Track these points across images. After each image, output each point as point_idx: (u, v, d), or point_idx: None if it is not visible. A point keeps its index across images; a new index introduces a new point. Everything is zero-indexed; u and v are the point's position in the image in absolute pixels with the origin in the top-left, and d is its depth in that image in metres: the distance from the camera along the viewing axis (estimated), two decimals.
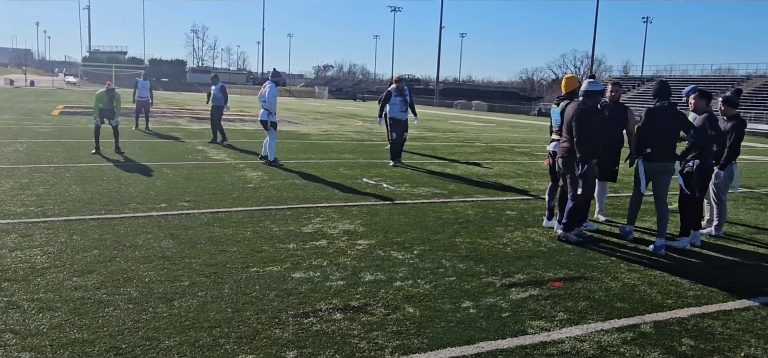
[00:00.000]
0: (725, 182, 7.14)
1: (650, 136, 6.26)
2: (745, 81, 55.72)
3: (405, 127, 12.46)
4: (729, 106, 7.04)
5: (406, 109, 12.44)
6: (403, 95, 12.40)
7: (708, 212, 7.19)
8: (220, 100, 15.49)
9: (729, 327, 4.21)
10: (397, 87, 12.44)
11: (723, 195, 7.17)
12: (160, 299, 4.22)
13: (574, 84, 6.79)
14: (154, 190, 8.24)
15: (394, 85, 12.58)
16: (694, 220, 6.56)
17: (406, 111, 12.47)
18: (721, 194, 7.15)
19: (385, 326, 3.94)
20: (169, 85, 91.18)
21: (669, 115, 6.23)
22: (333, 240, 6.01)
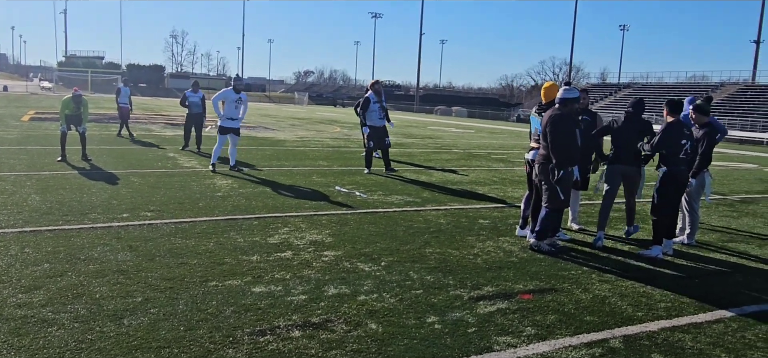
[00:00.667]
0: (697, 191, 7.10)
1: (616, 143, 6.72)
2: (718, 88, 56.64)
3: (384, 133, 12.13)
4: (700, 113, 7.01)
5: (384, 115, 12.10)
6: (381, 100, 12.04)
7: (680, 220, 7.14)
8: (199, 107, 15.10)
9: (699, 341, 4.11)
10: (375, 90, 12.05)
11: (695, 203, 7.13)
12: (109, 316, 4.00)
13: (555, 92, 6.68)
14: (117, 199, 7.97)
15: (370, 90, 12.17)
16: (667, 229, 6.49)
17: (384, 118, 12.13)
18: (693, 202, 7.11)
19: (344, 344, 3.77)
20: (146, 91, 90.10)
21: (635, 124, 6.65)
22: (299, 251, 5.82)
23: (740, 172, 17.07)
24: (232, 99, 11.29)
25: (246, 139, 19.00)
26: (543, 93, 6.80)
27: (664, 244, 6.49)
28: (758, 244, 7.33)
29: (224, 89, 11.61)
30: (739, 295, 5.21)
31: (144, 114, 32.99)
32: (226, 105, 11.27)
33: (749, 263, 6.37)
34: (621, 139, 6.74)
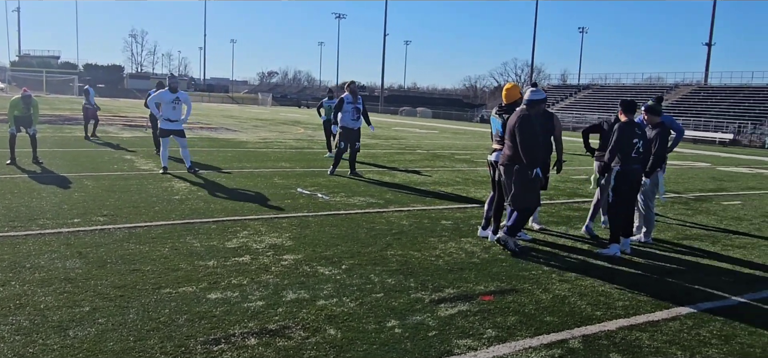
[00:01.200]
0: (651, 189, 7.24)
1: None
2: (673, 89, 58.29)
3: (356, 136, 11.81)
4: (652, 114, 7.14)
5: (358, 117, 11.80)
6: (356, 102, 11.78)
7: (637, 219, 7.25)
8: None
9: (656, 339, 4.15)
10: (350, 90, 11.75)
11: (650, 202, 7.25)
12: (54, 328, 3.81)
13: (516, 94, 6.69)
14: (68, 203, 7.68)
15: (346, 90, 11.82)
16: (624, 227, 6.58)
17: (359, 119, 11.82)
18: (648, 201, 7.23)
19: (302, 351, 3.67)
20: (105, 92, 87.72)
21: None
22: (257, 255, 5.69)
23: (694, 171, 17.53)
24: (168, 100, 10.90)
25: (206, 141, 18.65)
26: (504, 94, 6.80)
27: (622, 242, 6.58)
28: (711, 241, 7.50)
29: (160, 91, 11.26)
30: (694, 292, 5.30)
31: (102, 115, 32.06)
32: (164, 106, 10.89)
33: (703, 261, 6.50)
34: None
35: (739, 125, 44.00)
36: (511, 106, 6.60)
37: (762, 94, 49.77)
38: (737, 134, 42.67)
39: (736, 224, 8.87)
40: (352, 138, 11.76)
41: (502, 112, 6.69)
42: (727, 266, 6.34)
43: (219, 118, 36.29)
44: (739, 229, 8.44)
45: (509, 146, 6.21)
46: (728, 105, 49.55)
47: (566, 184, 12.53)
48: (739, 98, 50.48)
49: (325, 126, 16.18)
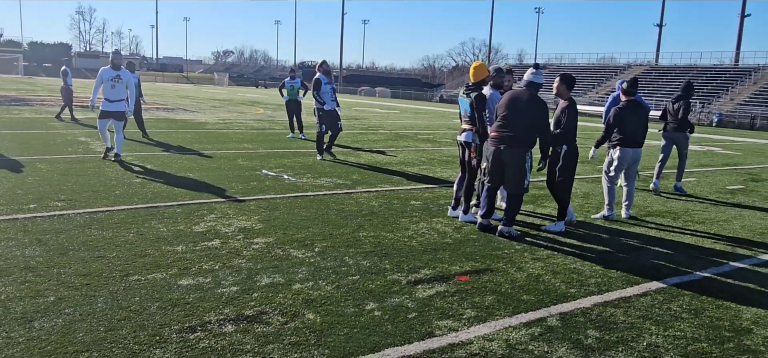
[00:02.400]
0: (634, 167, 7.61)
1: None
2: (625, 69, 59.69)
3: (337, 117, 11.52)
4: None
5: (334, 97, 11.53)
6: (331, 82, 11.50)
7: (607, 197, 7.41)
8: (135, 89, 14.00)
9: (630, 315, 4.23)
10: (324, 71, 11.40)
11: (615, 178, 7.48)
12: (18, 320, 3.62)
13: (484, 73, 6.67)
14: (22, 188, 7.33)
15: (319, 71, 11.44)
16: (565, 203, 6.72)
17: (335, 99, 11.55)
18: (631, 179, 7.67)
19: (281, 336, 3.59)
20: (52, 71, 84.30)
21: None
22: (227, 240, 5.55)
23: (649, 149, 18.01)
24: (107, 77, 9.84)
25: (164, 122, 18.13)
26: (472, 72, 6.77)
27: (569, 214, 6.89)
28: (672, 217, 7.72)
29: (102, 68, 10.10)
30: (661, 268, 5.43)
31: (51, 96, 30.87)
32: (104, 85, 9.84)
33: (667, 236, 6.67)
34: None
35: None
36: (479, 85, 6.59)
37: (709, 73, 51.52)
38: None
39: (694, 200, 9.14)
40: (332, 118, 11.43)
41: (469, 91, 6.65)
42: (690, 240, 6.52)
43: (174, 98, 35.37)
44: (697, 205, 8.71)
45: (514, 127, 6.03)
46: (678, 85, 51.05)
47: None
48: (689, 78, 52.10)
49: (288, 106, 15.91)
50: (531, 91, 6.18)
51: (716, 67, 53.56)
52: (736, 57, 54.51)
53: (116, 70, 9.90)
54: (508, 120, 6.10)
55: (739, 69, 51.02)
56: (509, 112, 6.10)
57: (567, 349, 3.63)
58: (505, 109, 6.14)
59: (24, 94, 30.45)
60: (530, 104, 6.09)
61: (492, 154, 6.18)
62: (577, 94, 54.41)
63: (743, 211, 8.42)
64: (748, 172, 13.39)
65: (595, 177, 11.05)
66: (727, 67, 52.62)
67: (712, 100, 45.69)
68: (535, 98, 6.15)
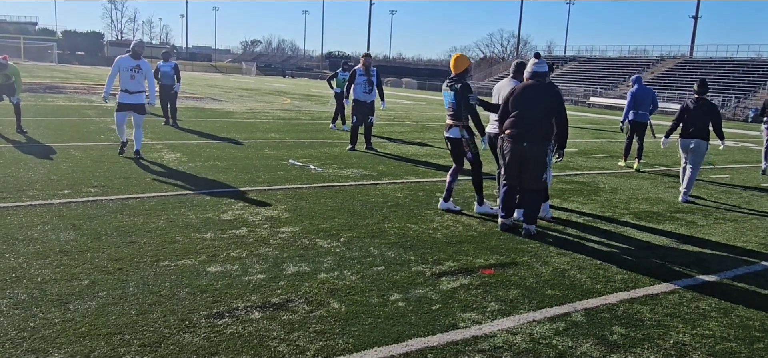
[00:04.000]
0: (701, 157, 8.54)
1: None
2: (658, 62, 58.52)
3: (370, 109, 11.61)
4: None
5: (371, 89, 11.56)
6: (369, 75, 11.55)
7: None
8: (172, 78, 14.21)
9: (657, 313, 4.19)
10: (363, 63, 11.55)
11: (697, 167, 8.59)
12: (53, 301, 3.74)
13: (465, 63, 6.55)
14: (57, 174, 7.53)
15: (360, 63, 11.66)
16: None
17: (372, 92, 11.59)
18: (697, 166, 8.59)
19: (307, 324, 3.64)
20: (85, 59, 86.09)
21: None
22: (254, 228, 5.63)
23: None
24: (127, 67, 9.10)
25: (193, 111, 18.39)
26: (453, 64, 6.55)
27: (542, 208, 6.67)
28: (703, 214, 7.58)
29: (119, 57, 9.35)
30: (690, 265, 5.35)
31: (83, 84, 31.53)
32: (121, 75, 9.13)
33: (697, 234, 6.56)
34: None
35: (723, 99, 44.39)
36: (461, 77, 6.52)
37: (746, 67, 50.18)
38: (722, 108, 43.07)
39: (726, 197, 8.96)
40: (364, 111, 11.58)
41: (452, 83, 6.57)
42: (720, 239, 6.41)
43: (203, 87, 35.82)
44: (729, 202, 8.53)
45: (532, 121, 5.87)
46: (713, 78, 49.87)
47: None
48: (724, 72, 50.85)
49: (337, 98, 15.94)
50: (539, 81, 5.98)
51: (753, 60, 52.13)
52: None
53: (136, 59, 9.21)
54: (523, 115, 5.89)
55: None
56: (523, 106, 5.90)
57: (591, 344, 3.62)
58: (518, 104, 5.93)
59: (58, 82, 31.16)
60: (543, 94, 5.93)
61: (510, 151, 5.94)
62: (607, 87, 53.59)
63: None
64: None
65: (625, 172, 10.90)
66: (765, 61, 51.19)
67: (749, 94, 44.52)
68: (546, 88, 5.98)
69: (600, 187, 9.12)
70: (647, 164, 12.20)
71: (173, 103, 14.21)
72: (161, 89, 14.20)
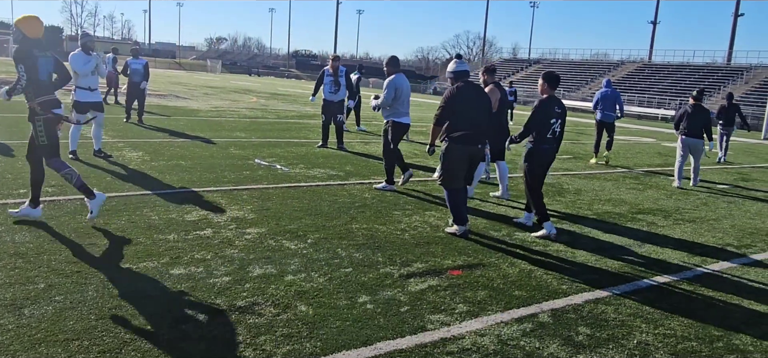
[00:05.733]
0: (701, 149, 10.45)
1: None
2: (618, 66, 59.88)
3: (337, 109, 11.61)
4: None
5: (337, 89, 11.52)
6: (337, 75, 11.53)
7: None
8: (141, 76, 13.81)
9: (621, 313, 4.25)
10: (331, 66, 11.59)
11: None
12: (7, 307, 3.59)
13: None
14: (12, 173, 7.26)
15: (328, 65, 11.71)
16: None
17: (338, 92, 11.55)
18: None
19: (274, 328, 3.58)
20: None
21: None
22: (219, 229, 5.52)
23: (641, 146, 18.12)
24: (84, 62, 8.50)
25: (157, 108, 17.99)
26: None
27: (525, 216, 6.65)
28: (663, 215, 7.76)
29: (73, 53, 8.66)
30: (651, 265, 5.46)
31: None
32: (81, 76, 8.51)
33: (658, 233, 6.71)
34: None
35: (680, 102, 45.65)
36: None
37: (702, 71, 51.74)
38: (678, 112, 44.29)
39: (684, 198, 9.20)
40: (331, 110, 11.67)
41: None
42: (680, 238, 6.56)
43: (167, 84, 35.12)
44: (687, 203, 8.76)
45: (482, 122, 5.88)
46: (671, 82, 51.31)
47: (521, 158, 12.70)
48: (681, 75, 52.31)
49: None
50: (469, 81, 5.96)
51: (709, 65, 53.83)
52: (729, 56, 54.76)
53: (88, 54, 8.57)
54: (475, 117, 5.81)
55: (732, 68, 51.29)
56: (474, 109, 5.82)
57: (558, 345, 3.65)
58: (468, 105, 5.81)
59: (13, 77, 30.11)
60: (481, 94, 6.01)
61: (464, 153, 5.80)
62: (570, 90, 54.58)
63: (733, 210, 8.48)
64: (738, 171, 13.48)
65: (589, 174, 11.09)
66: (719, 66, 52.91)
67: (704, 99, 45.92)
68: (479, 87, 6.12)
69: (564, 188, 9.26)
70: (611, 166, 12.44)
71: (142, 101, 13.87)
72: (130, 86, 13.79)
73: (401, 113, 7.90)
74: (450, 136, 5.80)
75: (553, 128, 6.18)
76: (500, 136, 7.45)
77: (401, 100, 7.81)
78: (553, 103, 6.19)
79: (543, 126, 6.15)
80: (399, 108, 7.85)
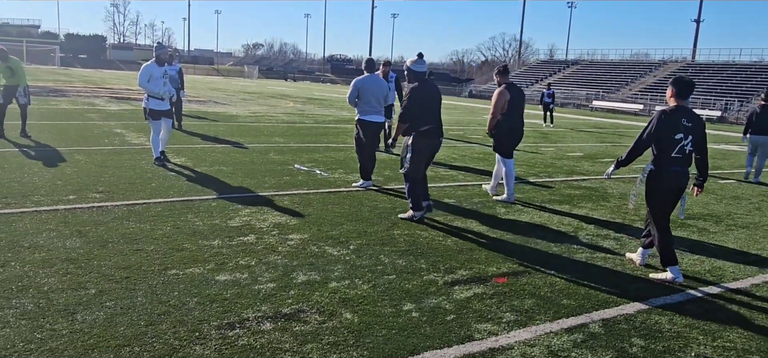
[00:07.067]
0: None
1: None
2: (660, 66, 58.42)
3: (386, 113, 11.35)
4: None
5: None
6: (387, 81, 11.41)
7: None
8: (177, 82, 14.09)
9: (675, 323, 4.10)
10: (382, 71, 11.39)
11: None
12: (61, 312, 3.67)
13: None
14: (62, 179, 7.46)
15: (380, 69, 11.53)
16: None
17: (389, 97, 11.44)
18: None
19: (320, 336, 3.56)
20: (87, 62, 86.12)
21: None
22: (262, 235, 5.55)
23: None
24: (157, 75, 8.90)
25: (196, 114, 18.31)
26: None
27: (641, 254, 5.46)
28: (715, 221, 7.49)
29: (145, 64, 9.00)
30: (705, 274, 5.26)
31: (86, 87, 31.48)
32: (154, 83, 8.90)
33: (710, 241, 6.47)
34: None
35: (725, 103, 44.28)
36: None
37: (748, 71, 50.06)
38: (724, 112, 42.95)
39: (735, 203, 8.87)
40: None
41: None
42: (734, 246, 6.32)
43: (206, 90, 35.76)
44: (739, 208, 8.44)
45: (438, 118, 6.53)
46: (715, 82, 49.79)
47: (563, 161, 12.49)
48: (726, 75, 50.73)
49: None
50: (428, 80, 6.52)
51: (756, 64, 52.02)
52: None
53: (162, 65, 8.98)
54: (433, 113, 6.44)
55: None
56: (433, 106, 6.45)
57: (612, 356, 3.53)
58: (429, 103, 6.41)
59: (61, 85, 31.13)
60: (438, 93, 6.63)
61: (427, 146, 6.43)
62: (610, 91, 53.49)
63: None
64: None
65: (633, 177, 10.82)
66: (766, 65, 51.07)
67: (752, 98, 44.38)
68: (435, 85, 6.67)
69: (609, 192, 9.03)
70: None
71: (179, 107, 14.16)
72: None
73: (367, 112, 8.17)
74: (417, 131, 6.35)
75: (682, 145, 4.97)
76: (514, 136, 7.77)
77: (366, 99, 8.07)
78: (681, 114, 4.99)
79: (666, 143, 4.98)
80: (365, 107, 8.12)
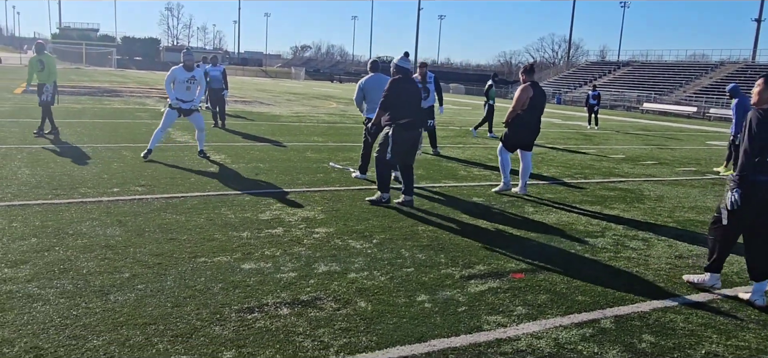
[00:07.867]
0: None
1: None
2: (718, 67, 56.38)
3: (427, 115, 11.44)
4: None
5: (426, 96, 11.41)
6: (425, 82, 11.53)
7: None
8: (220, 82, 14.71)
9: (691, 322, 4.08)
10: (420, 72, 11.59)
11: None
12: (96, 292, 3.95)
13: None
14: (108, 173, 7.89)
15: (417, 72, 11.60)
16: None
17: (427, 99, 11.43)
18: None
19: (333, 322, 3.73)
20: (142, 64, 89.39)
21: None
22: (290, 228, 5.77)
23: None
24: (182, 79, 9.21)
25: (240, 114, 18.85)
26: None
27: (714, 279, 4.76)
28: None
29: (173, 67, 9.41)
30: (731, 275, 5.18)
31: (139, 88, 32.74)
32: (176, 86, 9.25)
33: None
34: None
35: None
36: None
37: None
38: None
39: None
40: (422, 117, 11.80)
41: None
42: None
43: (253, 91, 36.64)
44: None
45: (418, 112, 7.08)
46: None
47: (602, 163, 12.33)
48: None
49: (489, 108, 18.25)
50: (409, 77, 7.03)
51: None
52: None
53: (189, 71, 9.30)
54: (416, 106, 6.97)
55: None
56: (413, 100, 6.95)
57: (618, 351, 3.57)
58: (410, 98, 6.88)
59: (115, 86, 32.48)
60: (416, 88, 7.09)
61: (407, 137, 6.85)
62: (662, 92, 51.97)
63: None
64: None
65: (674, 180, 10.60)
66: None
67: None
68: (415, 82, 7.24)
69: (645, 194, 8.90)
70: (699, 172, 11.82)
71: (222, 106, 14.67)
72: (210, 92, 14.72)
73: (374, 110, 8.10)
74: (397, 123, 6.74)
75: None
76: (530, 132, 8.04)
77: (372, 99, 8.17)
78: None
79: (761, 148, 4.29)
80: (372, 107, 8.20)
